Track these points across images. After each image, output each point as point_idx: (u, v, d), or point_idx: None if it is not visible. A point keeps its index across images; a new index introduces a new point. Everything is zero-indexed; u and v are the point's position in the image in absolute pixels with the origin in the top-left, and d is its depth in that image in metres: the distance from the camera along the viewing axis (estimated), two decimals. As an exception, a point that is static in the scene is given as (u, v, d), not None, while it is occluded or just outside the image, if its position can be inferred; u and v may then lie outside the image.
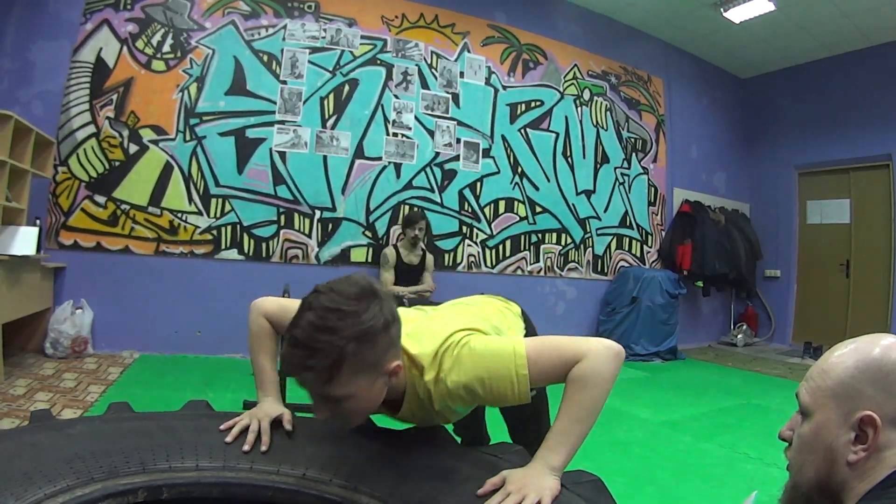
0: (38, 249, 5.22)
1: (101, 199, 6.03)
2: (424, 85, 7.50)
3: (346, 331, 1.40)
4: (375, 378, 1.50)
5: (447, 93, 7.60)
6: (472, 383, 1.58)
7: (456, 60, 7.73)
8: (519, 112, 8.18)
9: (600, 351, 1.57)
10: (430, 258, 6.68)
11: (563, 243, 8.44)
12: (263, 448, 1.66)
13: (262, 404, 1.87)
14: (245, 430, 1.72)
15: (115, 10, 6.16)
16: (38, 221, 5.46)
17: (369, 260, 7.04)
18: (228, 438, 1.68)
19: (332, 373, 1.40)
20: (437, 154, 7.50)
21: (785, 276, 10.28)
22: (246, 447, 1.66)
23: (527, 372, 1.56)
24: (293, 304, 1.70)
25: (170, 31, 6.35)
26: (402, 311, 1.74)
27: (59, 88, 5.95)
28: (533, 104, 8.31)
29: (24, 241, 4.94)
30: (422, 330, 1.73)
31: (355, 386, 1.45)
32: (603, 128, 8.93)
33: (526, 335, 2.17)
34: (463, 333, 1.68)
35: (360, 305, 1.44)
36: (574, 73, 8.71)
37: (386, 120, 7.26)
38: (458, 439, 2.21)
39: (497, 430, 3.09)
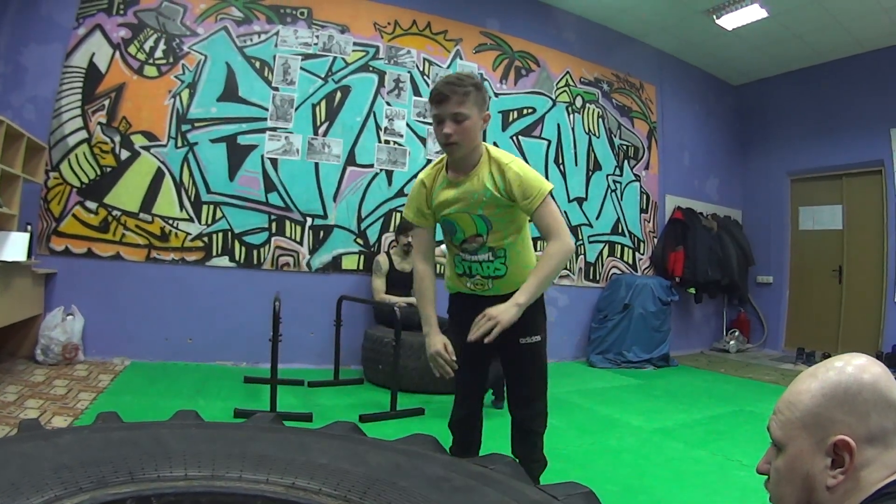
0: (30, 255, 5.21)
1: (92, 205, 6.02)
2: (416, 92, 7.50)
3: (473, 80, 2.59)
4: (481, 113, 2.60)
5: (439, 99, 7.59)
6: (519, 173, 2.64)
7: (448, 67, 7.73)
8: (511, 119, 8.18)
9: (568, 243, 2.64)
10: (421, 264, 6.68)
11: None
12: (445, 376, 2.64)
13: (430, 339, 2.69)
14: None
15: (108, 15, 6.15)
16: (29, 227, 5.44)
17: (360, 267, 7.03)
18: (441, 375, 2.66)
19: (465, 97, 2.52)
20: (429, 161, 7.45)
21: (777, 283, 10.31)
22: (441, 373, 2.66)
23: (548, 193, 2.66)
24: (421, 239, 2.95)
25: (162, 37, 6.34)
26: None
27: (51, 93, 5.94)
28: (525, 111, 8.32)
29: (16, 246, 4.93)
30: None
31: (473, 112, 2.55)
32: (595, 135, 8.94)
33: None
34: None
35: (474, 75, 2.79)
36: (566, 80, 8.72)
37: (378, 127, 7.26)
38: (451, 440, 2.93)
39: (491, 440, 3.08)
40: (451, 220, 2.76)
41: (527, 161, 8.03)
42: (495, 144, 7.83)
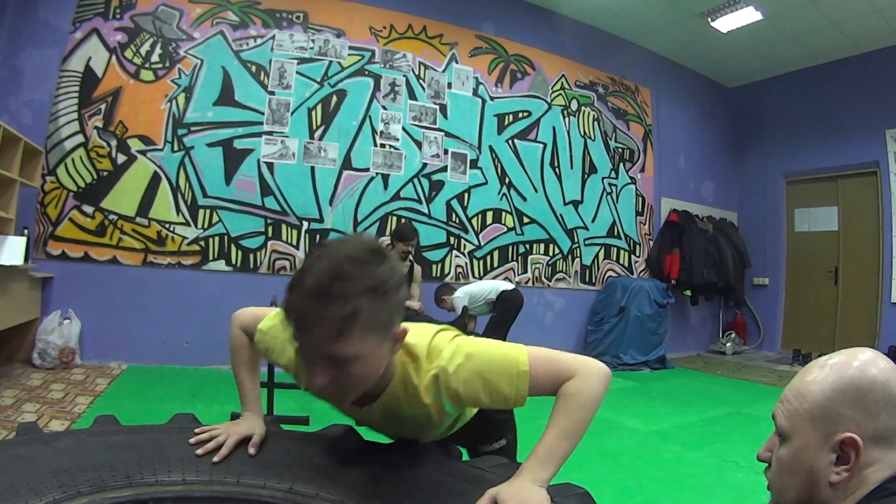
0: (26, 259, 5.20)
1: (88, 209, 6.02)
2: (412, 96, 7.52)
3: (363, 282, 1.30)
4: (383, 341, 1.39)
5: (435, 104, 7.62)
6: (473, 377, 1.48)
7: (444, 71, 7.75)
8: (506, 123, 8.20)
9: (592, 370, 1.51)
10: (417, 269, 6.68)
11: (550, 254, 8.45)
12: (214, 459, 1.60)
13: (240, 420, 1.81)
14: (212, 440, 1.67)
15: (105, 19, 6.16)
16: (26, 231, 5.44)
17: (357, 270, 7.01)
18: (199, 451, 1.62)
19: (344, 325, 1.28)
20: (425, 165, 7.52)
21: (773, 284, 10.33)
22: (199, 451, 1.62)
23: (528, 369, 1.47)
24: (267, 311, 1.86)
25: (158, 41, 6.35)
26: None
27: (47, 97, 5.94)
28: (520, 115, 8.34)
29: (12, 250, 4.92)
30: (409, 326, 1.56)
31: (365, 346, 1.34)
32: (590, 138, 8.96)
33: None
34: (453, 333, 1.63)
35: (374, 259, 1.34)
36: (562, 83, 8.74)
37: (374, 131, 7.27)
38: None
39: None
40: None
41: (522, 165, 8.13)
42: (490, 149, 7.92)
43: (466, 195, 7.80)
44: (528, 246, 8.29)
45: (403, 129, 7.45)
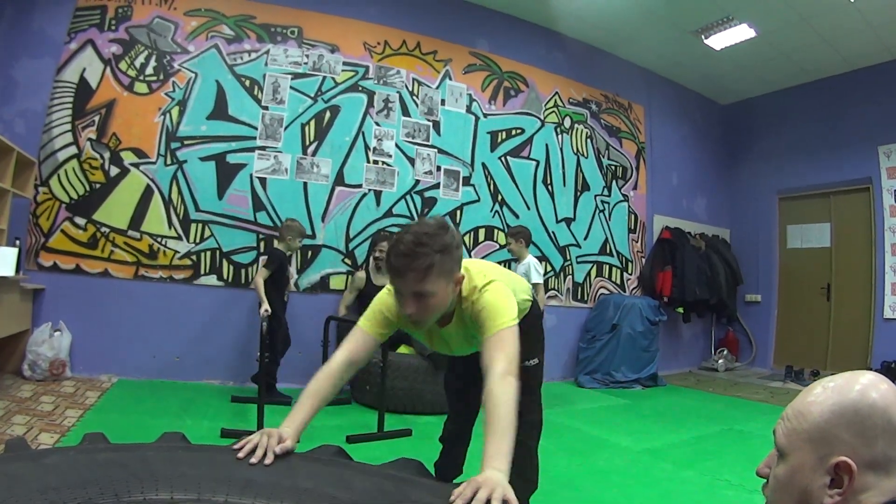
0: (18, 270, 5.19)
1: (81, 220, 6.01)
2: (405, 112, 7.53)
3: (435, 245, 2.04)
4: (449, 282, 2.14)
5: (428, 120, 7.63)
6: (485, 304, 2.21)
7: (437, 88, 7.77)
8: (499, 140, 8.22)
9: (515, 381, 1.98)
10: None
11: (543, 271, 8.42)
12: (252, 460, 1.74)
13: (280, 427, 2.00)
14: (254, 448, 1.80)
15: (100, 31, 6.17)
16: (17, 242, 5.44)
17: (348, 288, 7.01)
18: (240, 455, 1.76)
19: (426, 273, 2.04)
20: (418, 182, 7.52)
21: (766, 301, 10.34)
22: (253, 460, 1.75)
23: (504, 328, 2.12)
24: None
25: (153, 54, 6.36)
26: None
27: (41, 107, 5.95)
28: (514, 132, 8.36)
29: (4, 261, 4.91)
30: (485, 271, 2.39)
31: (438, 285, 2.09)
32: (583, 155, 8.98)
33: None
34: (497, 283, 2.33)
35: (440, 231, 2.10)
36: (555, 100, 8.77)
37: (367, 147, 7.27)
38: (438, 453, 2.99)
39: (477, 460, 3.07)
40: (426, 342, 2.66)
41: (515, 182, 8.13)
42: (483, 167, 7.93)
43: (459, 212, 7.80)
44: (520, 262, 8.29)
45: (396, 145, 7.45)
